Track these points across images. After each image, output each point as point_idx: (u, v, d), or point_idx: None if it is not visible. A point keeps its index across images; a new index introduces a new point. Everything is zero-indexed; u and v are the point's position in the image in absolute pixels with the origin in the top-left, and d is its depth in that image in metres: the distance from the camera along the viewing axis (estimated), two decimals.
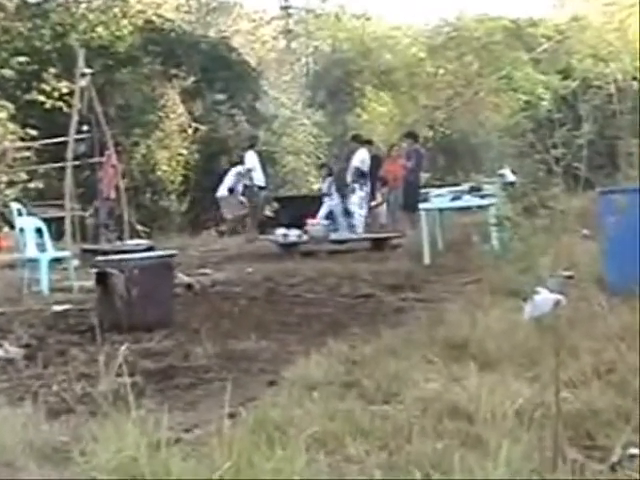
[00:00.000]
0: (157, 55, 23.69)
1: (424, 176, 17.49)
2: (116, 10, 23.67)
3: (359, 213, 16.45)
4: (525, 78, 28.86)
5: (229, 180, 18.19)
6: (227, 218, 18.80)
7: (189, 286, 9.65)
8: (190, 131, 23.62)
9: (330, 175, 18.96)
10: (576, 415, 3.69)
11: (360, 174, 16.61)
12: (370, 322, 6.93)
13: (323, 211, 17.61)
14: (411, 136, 17.26)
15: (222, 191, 18.39)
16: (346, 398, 4.23)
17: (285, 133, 26.04)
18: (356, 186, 16.57)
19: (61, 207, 14.34)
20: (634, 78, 24.86)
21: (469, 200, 12.28)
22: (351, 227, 16.57)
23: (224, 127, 23.98)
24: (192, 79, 23.96)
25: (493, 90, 29.07)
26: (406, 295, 8.65)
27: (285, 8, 34.18)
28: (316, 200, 18.77)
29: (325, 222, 15.23)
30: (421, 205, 12.28)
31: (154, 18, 24.66)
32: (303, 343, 6.11)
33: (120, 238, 15.13)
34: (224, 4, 31.30)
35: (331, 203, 17.80)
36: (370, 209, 17.21)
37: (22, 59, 20.90)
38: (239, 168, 17.89)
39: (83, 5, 23.53)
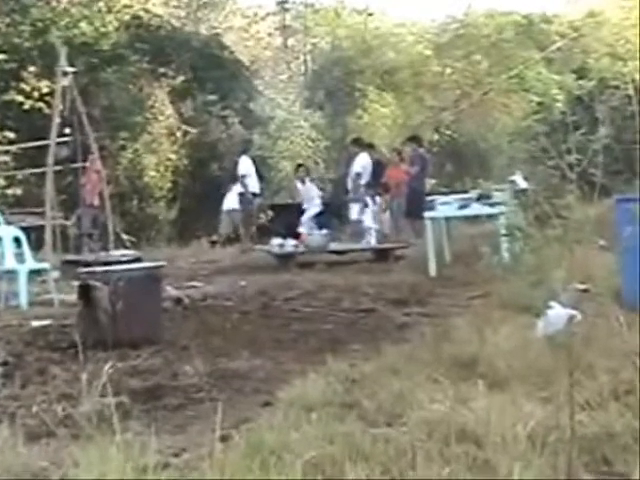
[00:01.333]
0: (144, 53, 23.74)
1: (430, 182, 17.50)
2: (101, 4, 23.72)
3: (374, 227, 16.23)
4: (537, 78, 28.95)
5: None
6: (222, 233, 18.69)
7: (178, 300, 9.64)
8: (179, 134, 23.65)
9: (308, 175, 18.71)
10: (592, 439, 3.69)
11: (368, 184, 16.52)
12: (372, 339, 6.93)
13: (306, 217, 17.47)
14: (414, 140, 17.25)
15: (233, 204, 18.06)
16: (346, 420, 4.23)
17: (281, 136, 26.04)
18: (367, 199, 16.48)
19: (41, 215, 14.30)
20: None
21: (478, 208, 12.29)
22: (357, 237, 16.51)
23: (215, 130, 24.01)
24: (181, 79, 24.01)
25: (503, 91, 29.15)
26: (410, 310, 8.65)
27: (281, 3, 34.22)
28: None
29: (324, 231, 15.18)
30: (426, 214, 12.29)
31: (141, 13, 24.72)
32: (300, 361, 6.11)
33: (104, 248, 15.10)
34: None
35: (311, 211, 17.56)
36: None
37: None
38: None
39: None
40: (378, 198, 16.94)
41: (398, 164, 17.33)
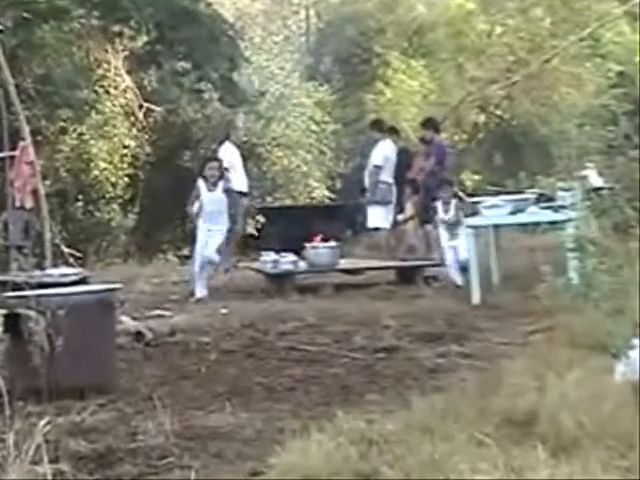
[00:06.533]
0: (93, 5, 23.74)
1: (473, 179, 17.46)
2: None
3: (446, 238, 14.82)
4: (618, 40, 28.93)
5: None
6: None
7: (138, 334, 9.66)
8: (140, 114, 23.67)
9: (223, 178, 14.55)
10: None
11: (442, 180, 15.41)
12: (395, 387, 6.95)
13: (213, 244, 13.96)
14: (430, 125, 17.25)
15: None
16: None
17: (275, 117, 26.06)
18: (445, 196, 15.30)
19: None
20: None
21: (536, 214, 12.30)
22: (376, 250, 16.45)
23: (188, 108, 24.03)
24: (143, 40, 24.02)
25: (571, 57, 29.12)
26: (446, 348, 8.67)
27: None
28: (319, 212, 18.78)
29: (333, 244, 15.11)
30: (468, 220, 12.30)
31: None
32: (299, 416, 6.13)
33: (39, 266, 15.14)
34: None
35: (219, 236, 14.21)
36: (396, 225, 17.17)
37: None
38: None
39: None
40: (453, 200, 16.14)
41: (424, 155, 17.34)
